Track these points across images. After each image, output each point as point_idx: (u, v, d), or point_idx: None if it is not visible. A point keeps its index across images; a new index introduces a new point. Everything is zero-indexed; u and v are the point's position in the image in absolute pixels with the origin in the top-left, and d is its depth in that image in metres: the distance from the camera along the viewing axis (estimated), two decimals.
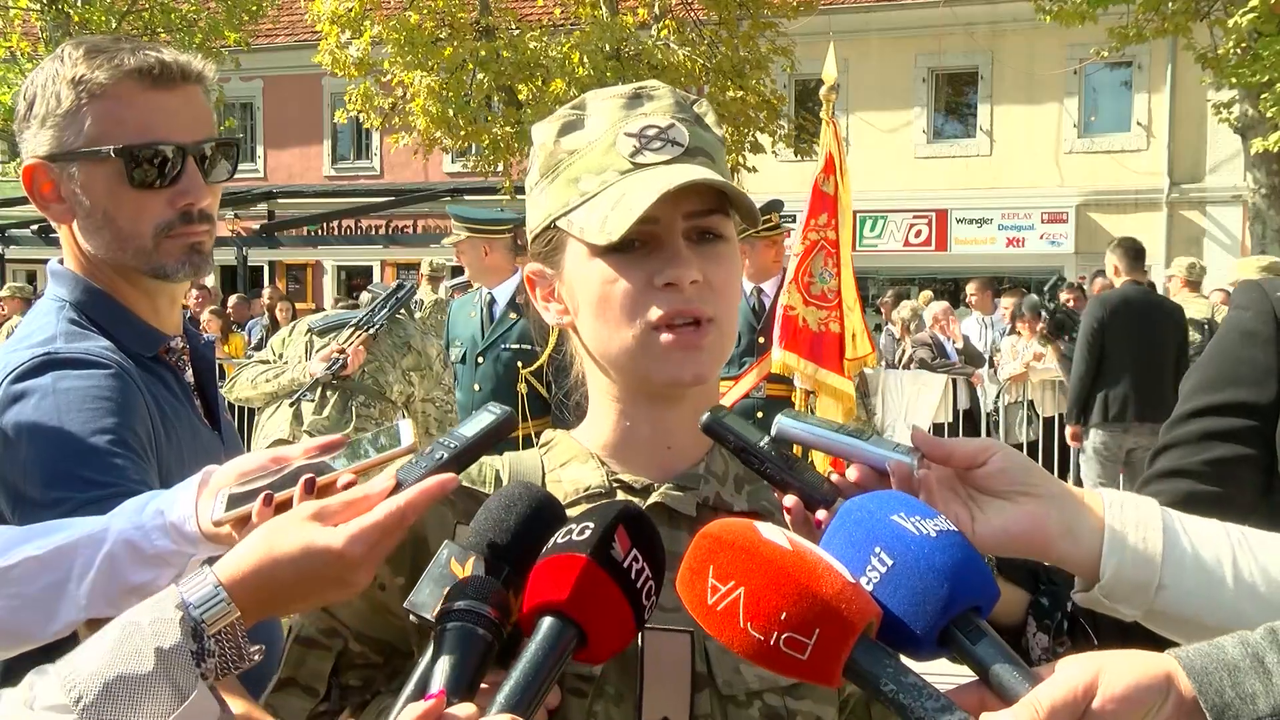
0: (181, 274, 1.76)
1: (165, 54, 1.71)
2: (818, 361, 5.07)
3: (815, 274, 5.09)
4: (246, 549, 1.13)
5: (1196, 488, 1.72)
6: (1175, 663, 0.96)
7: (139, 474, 1.58)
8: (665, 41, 16.33)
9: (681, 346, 1.22)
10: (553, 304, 1.31)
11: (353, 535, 1.10)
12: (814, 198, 5.07)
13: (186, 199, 1.71)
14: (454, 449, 1.16)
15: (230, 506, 1.29)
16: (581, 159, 1.25)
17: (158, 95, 1.70)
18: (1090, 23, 14.05)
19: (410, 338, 5.44)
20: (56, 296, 1.77)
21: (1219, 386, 1.78)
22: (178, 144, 1.70)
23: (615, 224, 1.18)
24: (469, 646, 1.04)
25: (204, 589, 1.10)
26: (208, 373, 1.93)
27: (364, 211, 21.19)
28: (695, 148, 1.25)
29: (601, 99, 1.28)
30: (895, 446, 1.16)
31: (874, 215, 21.06)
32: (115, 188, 1.69)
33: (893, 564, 1.01)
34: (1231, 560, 1.12)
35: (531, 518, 1.14)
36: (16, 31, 18.51)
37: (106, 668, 1.04)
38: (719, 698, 1.22)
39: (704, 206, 1.23)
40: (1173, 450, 1.79)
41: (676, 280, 1.19)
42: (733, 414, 1.23)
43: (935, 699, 0.96)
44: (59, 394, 1.60)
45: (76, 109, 1.68)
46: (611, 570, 1.06)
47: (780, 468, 1.18)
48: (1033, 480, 1.14)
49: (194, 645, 1.07)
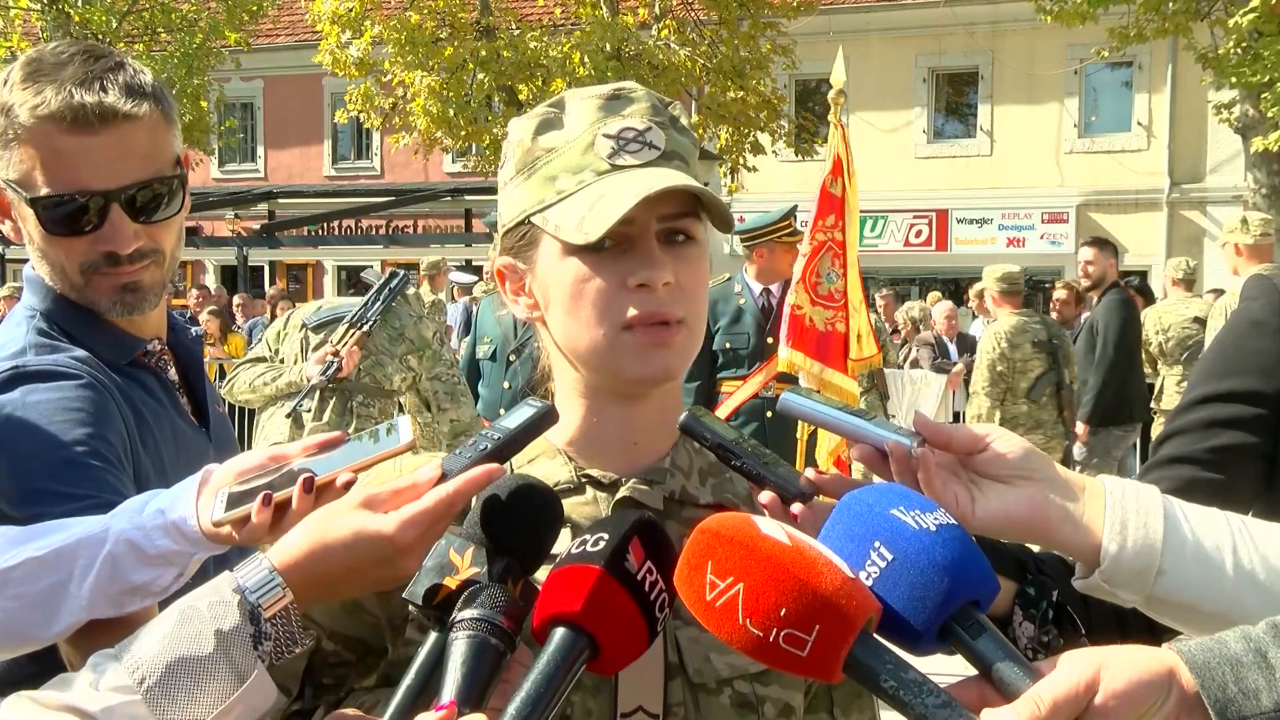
0: (114, 311, 1.70)
1: (90, 94, 1.59)
2: (823, 361, 5.08)
3: (823, 274, 5.09)
4: (299, 535, 1.15)
5: (1199, 475, 1.72)
6: (1177, 658, 0.96)
7: (115, 484, 1.56)
8: (665, 41, 16.34)
9: (651, 343, 1.23)
10: (522, 298, 1.32)
11: (404, 521, 1.12)
12: (822, 199, 5.09)
13: (108, 246, 1.64)
14: (498, 440, 1.17)
15: (230, 506, 1.30)
16: (559, 157, 1.26)
17: (78, 140, 1.59)
18: (1090, 23, 14.06)
19: (405, 326, 5.39)
20: (29, 306, 1.75)
21: (1225, 374, 1.78)
22: (98, 191, 1.61)
23: (593, 225, 1.19)
24: (482, 657, 1.04)
25: (259, 574, 1.12)
26: (195, 368, 1.91)
27: (364, 211, 21.20)
28: (671, 151, 1.27)
29: (580, 99, 1.29)
30: (897, 429, 1.16)
31: (874, 215, 21.06)
32: (39, 229, 1.65)
33: (892, 559, 1.00)
34: (1232, 548, 1.12)
35: (528, 507, 1.14)
36: (17, 31, 18.51)
37: (167, 650, 1.06)
38: (690, 686, 1.24)
39: (677, 209, 1.24)
40: (1177, 437, 1.79)
41: (650, 281, 1.21)
42: (708, 413, 1.24)
43: (935, 695, 0.96)
44: (29, 408, 1.58)
45: (7, 142, 1.62)
46: (625, 582, 1.06)
47: (756, 463, 1.19)
48: (1033, 465, 1.14)
49: (252, 628, 1.09)
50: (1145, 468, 1.82)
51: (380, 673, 1.31)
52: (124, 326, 1.76)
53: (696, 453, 1.35)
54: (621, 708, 1.22)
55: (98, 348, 1.72)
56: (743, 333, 6.04)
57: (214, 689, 1.06)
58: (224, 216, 20.80)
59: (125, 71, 1.64)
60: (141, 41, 18.79)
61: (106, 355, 1.73)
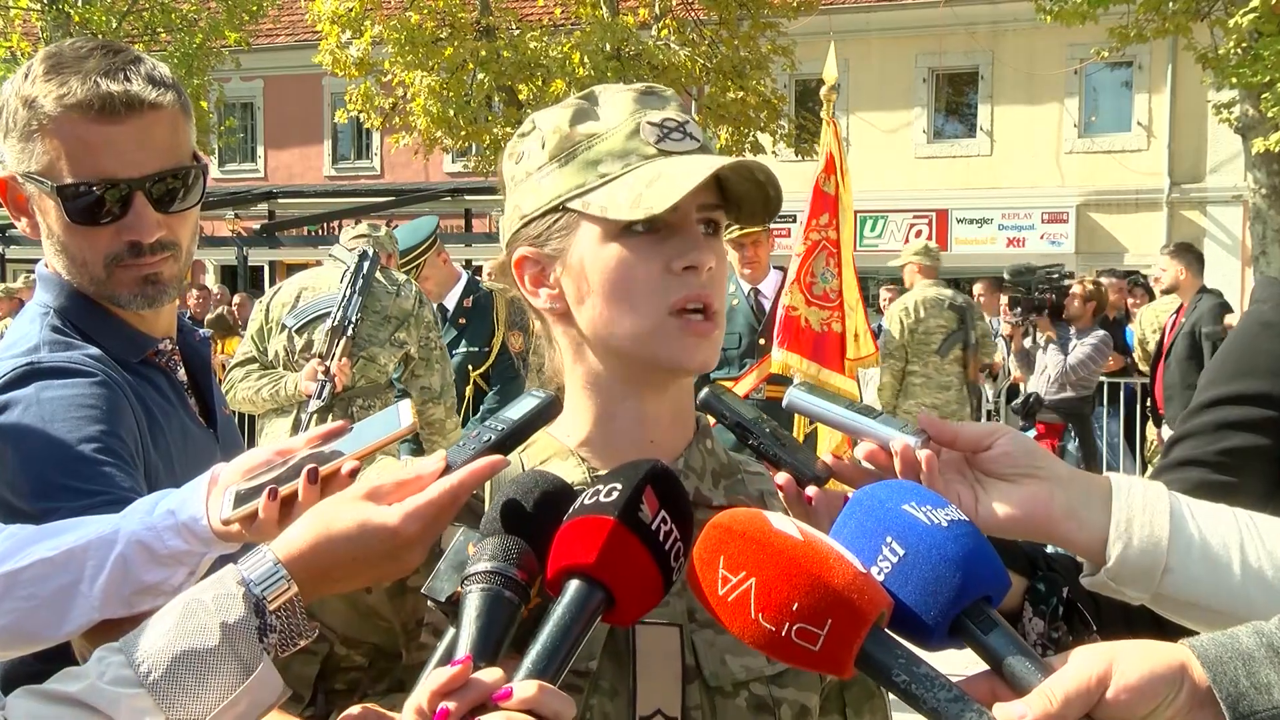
0: (135, 304, 1.72)
1: (116, 83, 1.61)
2: (820, 362, 5.06)
3: (817, 274, 5.08)
4: (303, 527, 1.15)
5: (1209, 477, 1.71)
6: (1189, 652, 0.96)
7: (127, 481, 1.57)
8: (665, 41, 16.33)
9: (695, 334, 1.24)
10: (544, 289, 1.31)
11: (408, 513, 1.12)
12: (815, 198, 5.07)
13: (132, 235, 1.66)
14: (501, 431, 1.17)
15: (237, 504, 1.30)
16: (602, 143, 1.26)
17: (104, 129, 1.61)
18: (1090, 23, 14.04)
19: (386, 306, 5.15)
20: (42, 303, 1.76)
21: (1236, 377, 1.78)
22: (123, 180, 1.63)
23: (655, 199, 1.20)
24: (495, 609, 1.04)
25: (264, 566, 1.12)
26: (203, 370, 1.92)
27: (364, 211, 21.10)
28: (706, 146, 1.29)
29: (612, 92, 1.31)
30: (903, 426, 1.17)
31: (874, 215, 21.04)
32: (63, 219, 1.66)
33: (904, 554, 1.01)
34: (1239, 546, 1.12)
35: (550, 505, 1.13)
36: (17, 31, 18.52)
37: (173, 643, 1.06)
38: (707, 689, 1.24)
39: (715, 200, 1.27)
40: (1188, 440, 1.78)
41: (698, 263, 1.23)
42: (729, 391, 1.26)
43: (948, 689, 0.96)
44: (43, 404, 1.59)
45: (29, 134, 1.63)
46: (639, 532, 1.05)
47: (773, 444, 1.20)
48: (1038, 463, 1.14)
49: (257, 620, 1.09)
50: (1156, 469, 1.81)
51: (394, 678, 1.30)
52: (136, 325, 1.77)
53: (709, 454, 1.35)
54: (640, 711, 1.22)
55: (110, 345, 1.73)
56: (734, 333, 6.05)
57: (219, 682, 1.06)
58: (224, 216, 20.76)
59: (145, 64, 1.67)
60: (141, 41, 18.76)
61: (118, 353, 1.73)
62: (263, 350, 5.24)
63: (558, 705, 0.98)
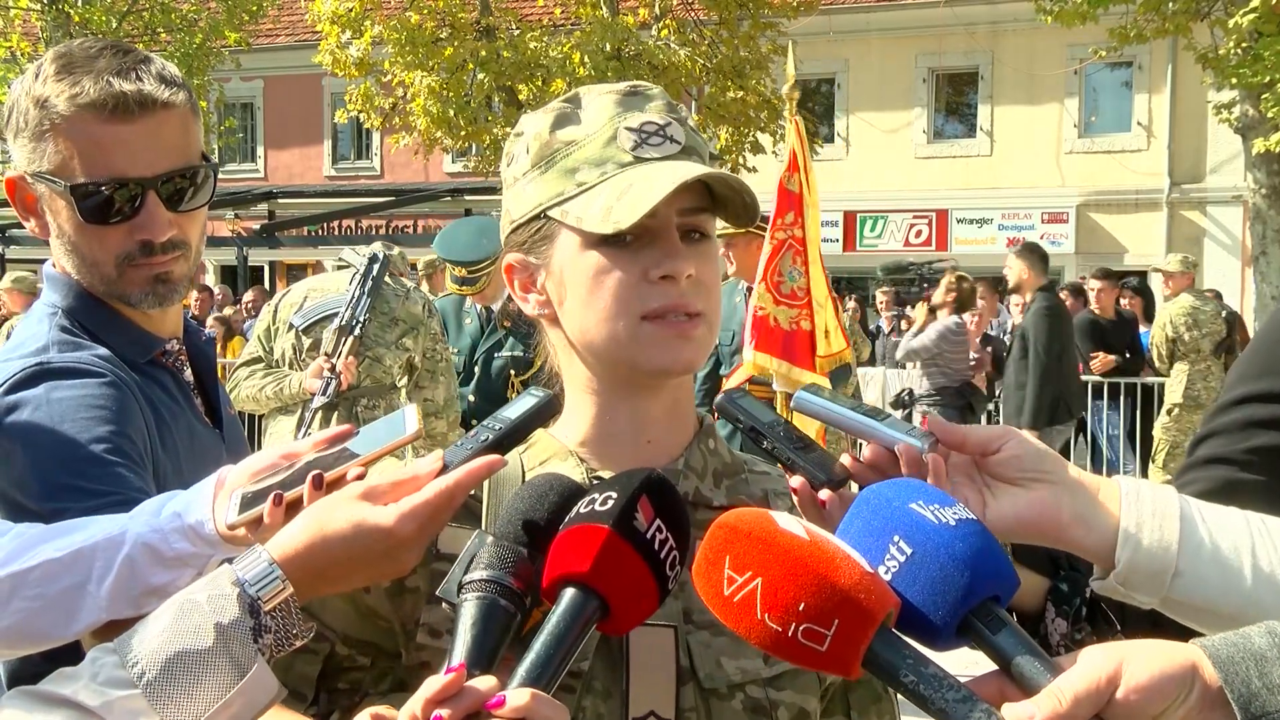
0: (145, 303, 1.72)
1: (128, 82, 1.62)
2: (790, 360, 5.04)
3: (784, 273, 5.05)
4: (298, 527, 1.14)
5: (1237, 475, 1.69)
6: (1200, 652, 0.95)
7: (136, 481, 1.57)
8: (665, 42, 16.32)
9: (674, 334, 1.23)
10: (532, 295, 1.31)
11: (404, 514, 1.11)
12: (780, 197, 5.04)
13: (144, 234, 1.66)
14: (499, 430, 1.17)
15: (243, 508, 1.29)
16: (579, 150, 1.25)
17: (117, 128, 1.62)
18: (1090, 23, 14.04)
19: (394, 308, 5.21)
20: (50, 303, 1.76)
21: (1263, 374, 1.74)
22: (135, 179, 1.64)
23: (623, 213, 1.18)
24: (491, 618, 1.04)
25: (258, 566, 1.11)
26: (209, 370, 1.92)
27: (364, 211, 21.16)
28: (690, 146, 1.27)
29: (596, 94, 1.29)
30: (910, 430, 1.16)
31: (874, 215, 21.06)
32: (75, 218, 1.66)
33: (912, 553, 1.00)
34: (1250, 550, 1.12)
35: (564, 507, 1.12)
36: (17, 31, 18.50)
37: (167, 644, 1.06)
38: (702, 691, 1.23)
39: (697, 204, 1.25)
40: (1214, 439, 1.75)
41: (674, 273, 1.21)
42: (746, 394, 1.24)
43: (956, 689, 0.95)
44: (53, 404, 1.59)
45: (41, 133, 1.64)
46: (634, 541, 1.05)
47: (789, 448, 1.18)
48: (1046, 467, 1.14)
49: (251, 621, 1.08)
50: (1181, 469, 1.78)
51: (395, 677, 1.30)
52: (144, 325, 1.77)
53: (711, 453, 1.34)
54: (633, 712, 1.21)
55: (118, 345, 1.73)
56: (728, 330, 6.06)
57: (214, 683, 1.05)
58: (224, 216, 20.77)
59: (155, 63, 1.68)
60: (141, 42, 18.75)
61: (126, 353, 1.73)
62: (268, 350, 5.28)
63: (551, 713, 0.98)
